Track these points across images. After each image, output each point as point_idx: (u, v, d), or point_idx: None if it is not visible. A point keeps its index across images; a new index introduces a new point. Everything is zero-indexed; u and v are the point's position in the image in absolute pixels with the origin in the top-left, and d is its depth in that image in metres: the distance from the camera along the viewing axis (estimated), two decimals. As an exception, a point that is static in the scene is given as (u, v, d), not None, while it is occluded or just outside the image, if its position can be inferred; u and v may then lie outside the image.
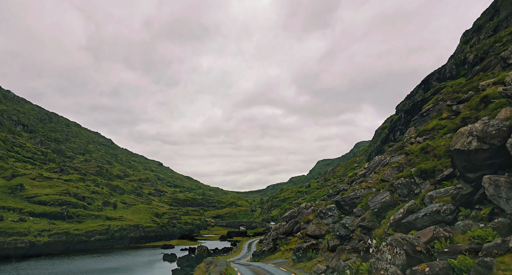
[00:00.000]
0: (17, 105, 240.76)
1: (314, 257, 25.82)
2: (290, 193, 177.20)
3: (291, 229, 35.35)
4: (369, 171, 30.33)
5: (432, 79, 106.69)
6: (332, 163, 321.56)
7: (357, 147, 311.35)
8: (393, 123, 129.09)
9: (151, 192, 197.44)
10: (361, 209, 21.52)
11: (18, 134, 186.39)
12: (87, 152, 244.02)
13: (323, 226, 28.14)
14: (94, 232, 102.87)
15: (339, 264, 16.62)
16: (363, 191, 23.57)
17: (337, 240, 22.47)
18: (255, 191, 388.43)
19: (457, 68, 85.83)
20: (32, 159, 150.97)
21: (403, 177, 16.55)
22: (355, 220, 21.32)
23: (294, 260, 27.15)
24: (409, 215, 12.79)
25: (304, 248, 26.75)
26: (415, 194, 15.74)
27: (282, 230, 35.80)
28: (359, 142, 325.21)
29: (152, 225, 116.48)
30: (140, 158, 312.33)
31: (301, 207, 41.52)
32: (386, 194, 17.29)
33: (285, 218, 41.30)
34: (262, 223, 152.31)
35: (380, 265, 10.55)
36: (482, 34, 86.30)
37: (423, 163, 15.52)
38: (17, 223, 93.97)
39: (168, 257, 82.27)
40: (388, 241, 10.74)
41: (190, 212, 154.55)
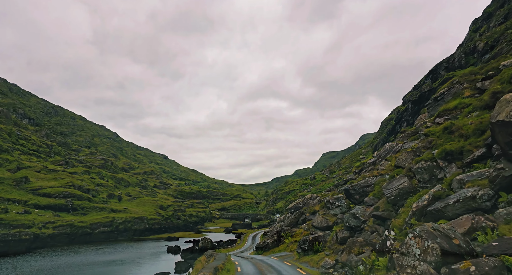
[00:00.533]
0: (23, 99, 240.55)
1: (321, 250, 23.92)
2: (295, 185, 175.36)
3: (296, 220, 33.36)
4: (379, 159, 28.14)
5: (440, 69, 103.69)
6: (337, 155, 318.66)
7: (362, 139, 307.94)
8: (400, 114, 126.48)
9: (156, 184, 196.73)
10: (373, 197, 19.43)
11: (24, 128, 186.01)
12: (92, 145, 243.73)
13: (330, 217, 26.13)
14: (99, 224, 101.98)
15: (350, 258, 14.65)
16: (375, 178, 21.43)
17: (347, 231, 20.43)
18: (260, 184, 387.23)
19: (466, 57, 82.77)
20: (37, 152, 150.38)
21: (423, 161, 14.43)
22: (367, 209, 19.26)
23: (299, 253, 25.28)
24: (435, 202, 10.72)
25: (310, 241, 24.83)
26: (438, 179, 13.64)
27: (287, 222, 33.79)
28: (365, 134, 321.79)
29: (157, 217, 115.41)
30: (145, 151, 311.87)
31: (306, 198, 39.52)
32: (404, 180, 15.21)
33: (289, 210, 39.32)
34: (267, 215, 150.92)
35: (406, 261, 8.55)
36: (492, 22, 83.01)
37: (447, 144, 13.38)
38: (21, 215, 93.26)
39: (172, 249, 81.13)
40: (416, 232, 8.70)
41: (195, 205, 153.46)
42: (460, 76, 31.92)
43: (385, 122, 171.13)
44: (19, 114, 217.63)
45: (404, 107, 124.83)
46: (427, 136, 16.69)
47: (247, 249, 50.90)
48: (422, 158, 14.58)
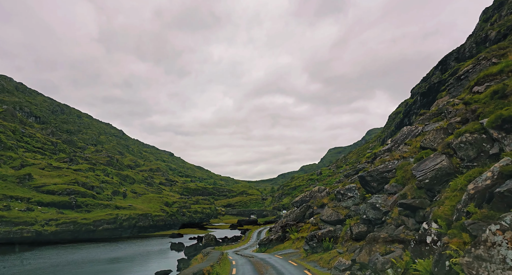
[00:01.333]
0: (29, 97, 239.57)
1: (332, 247, 20.57)
2: (301, 181, 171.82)
3: (302, 214, 29.98)
4: (395, 145, 24.56)
5: (450, 59, 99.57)
6: (343, 151, 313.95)
7: (369, 134, 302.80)
8: (408, 107, 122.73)
9: (162, 181, 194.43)
10: (396, 184, 15.96)
11: (30, 126, 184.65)
12: (98, 143, 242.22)
13: (341, 209, 22.73)
14: (102, 221, 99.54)
15: (374, 259, 11.29)
16: (397, 162, 17.88)
17: (364, 225, 16.96)
18: (266, 180, 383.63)
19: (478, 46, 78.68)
20: (42, 149, 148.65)
21: (468, 133, 10.93)
22: (389, 198, 15.84)
23: (306, 250, 21.98)
24: (507, 180, 7.33)
25: (319, 236, 21.46)
26: (491, 155, 10.20)
27: (293, 216, 30.40)
28: (371, 129, 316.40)
29: (161, 214, 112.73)
30: (151, 149, 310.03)
31: (313, 190, 36.14)
32: (442, 159, 11.72)
33: (295, 203, 35.96)
34: (273, 211, 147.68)
35: (487, 269, 5.27)
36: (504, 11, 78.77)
37: (503, 109, 9.94)
38: (24, 213, 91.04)
39: (175, 246, 78.39)
40: (507, 222, 5.39)
41: (200, 201, 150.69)
42: (487, 52, 28.17)
43: (392, 116, 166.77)
44: (25, 113, 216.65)
45: (413, 100, 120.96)
46: (468, 104, 13.17)
47: (250, 246, 47.71)
48: (466, 130, 11.10)
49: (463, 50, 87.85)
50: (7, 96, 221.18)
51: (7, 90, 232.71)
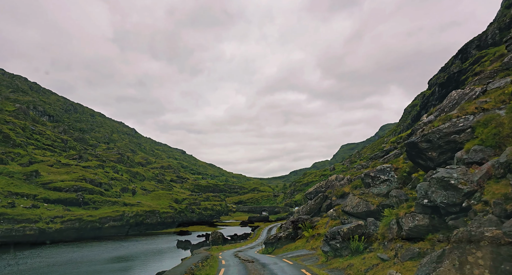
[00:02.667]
0: (43, 97, 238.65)
1: (365, 248, 14.31)
2: (313, 176, 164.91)
3: (318, 207, 23.75)
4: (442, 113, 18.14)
5: (471, 47, 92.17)
6: (356, 147, 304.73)
7: (383, 129, 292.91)
8: (426, 98, 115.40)
9: (173, 178, 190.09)
10: (481, 147, 9.59)
11: (42, 124, 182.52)
12: (111, 141, 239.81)
13: (371, 197, 16.46)
14: (108, 218, 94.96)
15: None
16: (472, 117, 11.48)
17: (424, 216, 10.58)
18: (278, 177, 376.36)
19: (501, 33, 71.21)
20: (52, 146, 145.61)
21: None
22: (470, 170, 9.57)
23: (326, 253, 15.71)
24: None
25: (345, 233, 15.04)
26: None
27: (306, 209, 24.18)
28: (385, 125, 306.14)
29: (169, 211, 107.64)
30: (163, 147, 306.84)
31: (330, 179, 29.93)
32: None
33: (309, 195, 29.77)
34: (285, 208, 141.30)
35: None
36: (528, -4, 71.44)
37: None
38: (29, 210, 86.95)
39: (182, 244, 73.15)
40: None
41: (210, 198, 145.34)
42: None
43: (408, 109, 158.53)
44: (39, 112, 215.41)
45: (431, 91, 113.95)
46: None
47: (258, 244, 41.90)
48: None
49: (485, 37, 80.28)
50: (21, 96, 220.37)
51: (21, 89, 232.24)
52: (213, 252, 29.79)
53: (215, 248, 34.65)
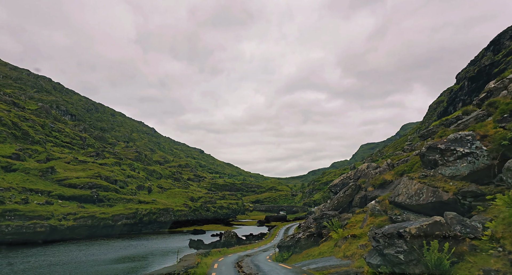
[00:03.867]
0: (66, 97, 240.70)
1: (452, 265, 8.34)
2: (333, 176, 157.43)
3: (348, 200, 17.88)
4: None
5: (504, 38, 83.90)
6: (376, 147, 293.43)
7: (404, 129, 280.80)
8: (454, 94, 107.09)
9: (190, 177, 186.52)
10: None
11: (64, 123, 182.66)
12: (131, 140, 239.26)
13: (442, 182, 10.24)
14: (121, 215, 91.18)
15: None
16: None
17: None
18: (296, 177, 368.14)
19: (540, 19, 62.73)
20: (70, 144, 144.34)
21: None
22: None
23: (377, 268, 9.28)
24: None
25: (413, 237, 8.57)
26: None
27: (332, 204, 18.32)
28: (406, 124, 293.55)
29: (184, 209, 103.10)
30: (182, 146, 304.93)
31: (360, 169, 23.91)
32: None
33: (334, 188, 23.81)
34: (304, 207, 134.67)
35: None
36: None
37: None
38: (42, 206, 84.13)
39: (194, 243, 68.16)
40: None
41: (227, 196, 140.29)
42: None
43: (433, 105, 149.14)
44: (62, 111, 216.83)
45: (459, 86, 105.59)
46: None
47: (273, 247, 36.20)
48: None
49: (521, 26, 72.39)
50: (45, 95, 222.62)
51: (45, 89, 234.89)
52: (212, 257, 24.28)
53: (216, 252, 28.71)
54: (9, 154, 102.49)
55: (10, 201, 79.82)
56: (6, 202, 78.31)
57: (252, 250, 33.72)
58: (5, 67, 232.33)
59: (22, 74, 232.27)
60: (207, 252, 27.20)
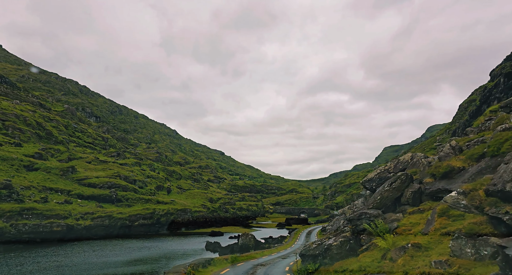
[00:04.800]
0: (92, 99, 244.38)
1: None
2: (356, 178, 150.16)
3: (396, 195, 12.86)
4: None
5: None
6: (400, 149, 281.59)
7: (430, 131, 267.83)
8: (487, 91, 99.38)
9: (210, 178, 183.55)
10: None
11: (88, 124, 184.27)
12: (152, 141, 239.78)
13: None
14: (138, 216, 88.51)
15: None
16: None
17: None
18: (317, 180, 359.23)
19: None
20: (92, 144, 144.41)
21: None
22: None
23: None
24: None
25: None
26: None
27: (373, 201, 13.52)
28: (432, 126, 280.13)
29: (202, 210, 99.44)
30: (203, 148, 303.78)
31: (402, 160, 18.91)
32: None
33: (369, 183, 18.78)
34: (326, 210, 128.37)
35: None
36: None
37: None
38: (60, 205, 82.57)
39: (211, 246, 64.23)
40: None
41: (246, 198, 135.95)
42: None
43: (464, 105, 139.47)
44: (87, 113, 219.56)
45: (493, 83, 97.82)
46: None
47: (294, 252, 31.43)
48: None
49: None
50: (72, 98, 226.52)
51: (72, 92, 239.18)
52: (213, 268, 19.64)
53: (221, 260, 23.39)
54: (32, 153, 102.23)
55: (29, 199, 78.53)
56: (25, 200, 77.01)
57: (269, 257, 28.97)
58: (35, 71, 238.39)
59: (50, 78, 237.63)
60: (207, 261, 22.23)
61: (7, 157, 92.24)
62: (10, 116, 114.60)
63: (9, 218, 68.76)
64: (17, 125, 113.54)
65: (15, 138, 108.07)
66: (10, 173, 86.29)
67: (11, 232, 66.69)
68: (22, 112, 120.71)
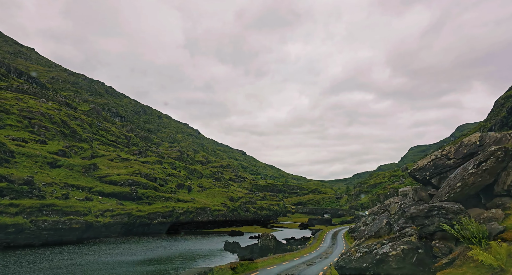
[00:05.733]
0: (117, 99, 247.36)
1: None
2: (382, 178, 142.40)
3: (487, 181, 8.30)
4: None
5: None
6: (428, 149, 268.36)
7: (460, 130, 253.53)
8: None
9: (231, 177, 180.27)
10: None
11: (112, 123, 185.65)
12: (175, 141, 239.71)
13: None
14: (157, 213, 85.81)
15: None
16: None
17: None
18: (340, 180, 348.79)
19: None
20: (115, 142, 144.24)
21: None
22: None
23: None
24: None
25: None
26: None
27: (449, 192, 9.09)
28: (462, 125, 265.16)
29: (222, 209, 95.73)
30: (224, 147, 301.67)
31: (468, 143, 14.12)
32: None
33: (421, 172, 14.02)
34: (350, 210, 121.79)
35: None
36: None
37: None
38: (81, 202, 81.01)
39: (230, 246, 60.33)
40: None
41: (267, 197, 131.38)
42: None
43: (500, 101, 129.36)
44: (112, 113, 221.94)
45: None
46: None
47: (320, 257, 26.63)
48: None
49: None
50: (98, 98, 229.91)
51: (98, 93, 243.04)
52: None
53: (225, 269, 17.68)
54: (56, 151, 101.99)
55: (51, 196, 77.38)
56: (47, 196, 75.86)
57: (291, 263, 24.01)
58: (64, 72, 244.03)
59: (78, 79, 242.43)
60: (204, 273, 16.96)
61: (31, 154, 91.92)
62: (36, 114, 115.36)
63: (29, 214, 67.22)
64: (42, 123, 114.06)
65: (41, 136, 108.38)
66: (33, 170, 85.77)
67: (30, 228, 65.02)
68: (48, 110, 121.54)
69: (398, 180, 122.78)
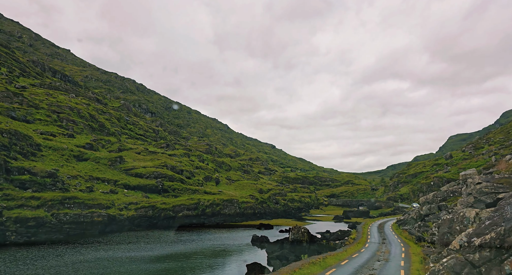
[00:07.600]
0: (147, 96, 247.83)
1: None
2: (422, 167, 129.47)
3: None
4: None
5: None
6: (469, 138, 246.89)
7: (506, 116, 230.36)
8: None
9: (261, 170, 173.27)
10: None
11: (142, 119, 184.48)
12: (205, 135, 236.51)
13: None
14: (182, 206, 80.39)
15: None
16: None
17: None
18: (374, 172, 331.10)
19: None
20: (143, 136, 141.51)
21: None
22: None
23: None
24: None
25: None
26: None
27: None
28: (508, 111, 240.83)
29: (250, 201, 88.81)
30: (254, 141, 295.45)
31: None
32: None
33: None
34: (388, 202, 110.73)
35: None
36: None
37: None
38: (105, 195, 77.06)
39: (258, 240, 53.48)
40: None
41: (298, 189, 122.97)
42: None
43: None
44: (143, 109, 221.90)
45: None
46: None
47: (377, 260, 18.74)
48: None
49: None
50: (129, 95, 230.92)
51: (130, 90, 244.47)
52: None
53: None
54: (83, 144, 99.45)
55: (75, 188, 73.93)
56: (71, 189, 72.39)
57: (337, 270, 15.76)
58: (97, 71, 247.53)
59: (111, 77, 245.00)
60: None
61: (58, 147, 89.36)
62: (65, 108, 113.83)
63: (50, 207, 63.38)
64: (71, 118, 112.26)
65: (69, 129, 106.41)
66: (59, 163, 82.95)
67: (51, 222, 61.04)
68: (77, 105, 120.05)
69: (441, 168, 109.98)
